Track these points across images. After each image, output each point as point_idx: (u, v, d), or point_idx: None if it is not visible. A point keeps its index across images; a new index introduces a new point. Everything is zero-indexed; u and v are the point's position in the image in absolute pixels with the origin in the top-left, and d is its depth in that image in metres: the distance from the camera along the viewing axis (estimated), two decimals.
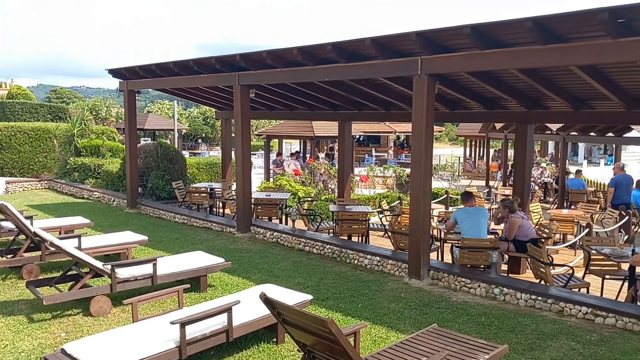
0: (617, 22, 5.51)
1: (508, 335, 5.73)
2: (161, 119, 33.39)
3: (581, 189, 17.10)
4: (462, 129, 29.29)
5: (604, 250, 7.92)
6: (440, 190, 17.19)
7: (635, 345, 5.43)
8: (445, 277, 7.57)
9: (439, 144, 57.66)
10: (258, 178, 20.65)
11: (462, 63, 7.23)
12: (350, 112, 12.65)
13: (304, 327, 4.41)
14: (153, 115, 32.48)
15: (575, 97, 8.80)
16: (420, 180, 7.66)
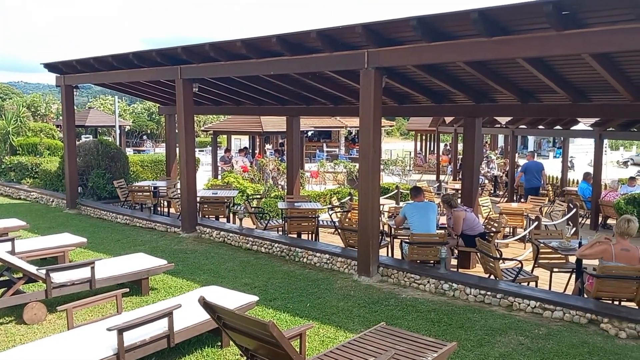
0: (561, 15, 5.47)
1: (457, 331, 5.64)
2: (103, 115, 32.18)
3: None
4: (412, 123, 29.56)
5: (552, 243, 7.98)
6: (391, 185, 17.19)
7: (581, 338, 5.43)
8: (394, 273, 7.44)
9: (391, 138, 58.24)
10: (206, 175, 20.16)
11: (409, 56, 7.11)
12: (299, 106, 12.40)
13: (245, 331, 4.21)
14: (95, 111, 31.27)
15: (523, 90, 8.84)
16: (369, 175, 7.50)
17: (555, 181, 20.37)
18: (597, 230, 13.14)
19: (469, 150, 9.41)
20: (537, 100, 8.95)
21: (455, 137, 21.49)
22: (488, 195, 15.89)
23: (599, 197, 13.78)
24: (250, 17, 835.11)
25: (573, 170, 26.85)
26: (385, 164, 22.38)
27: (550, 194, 17.19)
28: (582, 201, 14.39)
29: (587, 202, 14.33)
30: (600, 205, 13.68)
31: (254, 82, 10.98)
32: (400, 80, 9.27)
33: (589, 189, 14.42)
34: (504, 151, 25.89)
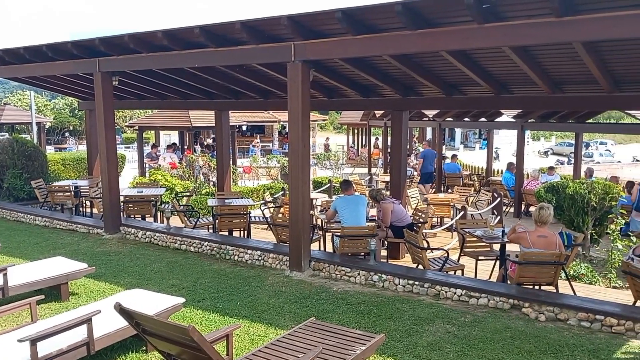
0: (482, 7, 5.57)
1: (386, 322, 5.67)
2: (20, 111, 30.34)
3: (457, 172, 18.00)
4: (344, 117, 29.81)
5: (477, 232, 8.21)
6: (324, 179, 17.24)
7: (505, 323, 5.60)
8: (326, 267, 7.42)
9: (324, 132, 58.60)
10: (133, 173, 19.42)
11: (336, 49, 7.07)
12: (227, 100, 12.13)
13: (166, 337, 4.02)
14: (10, 108, 29.43)
15: (448, 83, 9.02)
16: (299, 170, 7.42)
17: (481, 171, 21.17)
18: (520, 218, 13.75)
19: (397, 143, 9.53)
20: (461, 93, 9.18)
21: (385, 130, 21.83)
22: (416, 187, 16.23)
23: (522, 186, 14.41)
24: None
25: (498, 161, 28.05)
26: (319, 158, 22.44)
27: (476, 184, 17.82)
28: (506, 190, 15.03)
29: (511, 191, 14.97)
30: (522, 194, 14.32)
31: (179, 75, 10.62)
32: (329, 73, 9.24)
33: (512, 178, 15.07)
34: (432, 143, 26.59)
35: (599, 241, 10.37)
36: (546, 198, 10.50)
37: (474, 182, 18.18)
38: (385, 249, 9.01)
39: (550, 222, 6.71)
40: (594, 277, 8.46)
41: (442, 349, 5.01)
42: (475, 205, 13.68)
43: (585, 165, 16.85)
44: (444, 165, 18.25)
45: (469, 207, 12.81)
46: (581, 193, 10.05)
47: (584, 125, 15.49)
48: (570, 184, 10.66)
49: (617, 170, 29.51)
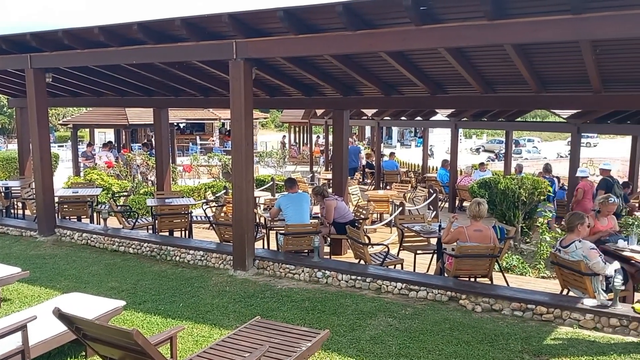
0: (419, 10, 5.75)
1: (331, 318, 5.77)
2: None
3: (394, 170, 18.43)
4: (286, 115, 29.84)
5: (415, 227, 8.49)
6: (267, 177, 17.21)
7: (443, 315, 5.83)
8: (270, 265, 7.44)
9: (266, 130, 58.36)
10: (67, 173, 18.63)
11: (277, 48, 7.09)
12: (166, 98, 11.88)
13: (108, 341, 3.93)
14: None
15: (386, 83, 9.24)
16: (242, 168, 7.39)
17: (417, 168, 21.76)
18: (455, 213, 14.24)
19: (339, 141, 9.67)
20: (399, 93, 9.42)
21: (327, 128, 22.04)
22: (357, 184, 16.51)
23: (456, 182, 14.95)
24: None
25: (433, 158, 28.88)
26: (261, 156, 22.36)
27: (413, 180, 18.34)
28: (441, 186, 15.56)
29: (446, 187, 15.51)
30: (456, 189, 14.86)
31: (116, 71, 10.31)
32: (271, 72, 9.25)
33: (447, 174, 15.61)
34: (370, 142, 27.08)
35: (528, 234, 10.94)
36: (479, 193, 10.97)
37: (411, 179, 18.71)
38: (328, 246, 9.14)
39: (485, 216, 7.04)
40: (525, 268, 8.93)
41: (385, 342, 5.16)
42: (413, 201, 14.09)
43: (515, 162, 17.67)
44: (383, 162, 18.64)
45: (407, 203, 13.18)
46: (512, 188, 10.56)
47: (514, 123, 16.25)
48: (501, 179, 11.19)
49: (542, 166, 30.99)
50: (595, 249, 6.14)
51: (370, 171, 20.08)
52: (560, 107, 11.82)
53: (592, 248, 6.09)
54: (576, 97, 8.46)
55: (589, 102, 8.68)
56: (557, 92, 8.34)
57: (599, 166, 13.96)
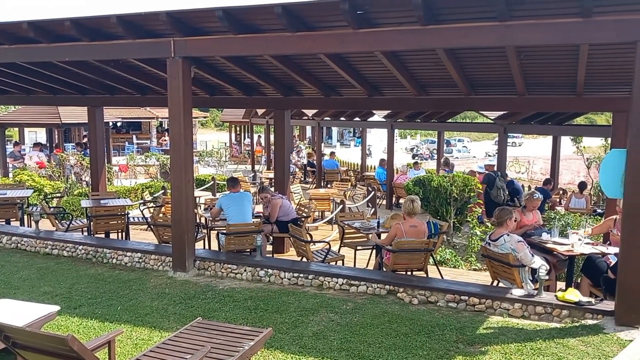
0: (356, 14, 5.92)
1: (274, 316, 5.85)
2: None
3: (335, 169, 18.72)
4: (226, 114, 29.53)
5: (355, 224, 8.70)
6: (208, 176, 17.03)
7: (382, 308, 6.03)
8: (211, 265, 7.42)
9: (206, 129, 57.48)
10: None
11: (216, 47, 7.08)
12: (101, 96, 11.54)
13: (42, 349, 3.80)
14: None
15: (326, 84, 9.39)
16: (181, 168, 7.33)
17: (356, 167, 22.17)
18: (392, 210, 14.66)
19: (280, 140, 9.75)
20: (338, 94, 9.61)
21: (268, 128, 22.05)
22: (299, 183, 16.65)
23: (392, 180, 15.39)
24: None
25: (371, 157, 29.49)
26: (202, 156, 22.07)
27: (352, 179, 18.69)
28: (379, 184, 15.97)
29: (383, 185, 15.93)
30: (393, 187, 15.29)
31: (48, 69, 9.89)
32: (210, 71, 9.19)
33: (384, 173, 16.04)
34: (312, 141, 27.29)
35: (460, 228, 11.44)
36: (414, 191, 11.35)
37: (350, 178, 19.04)
38: (270, 244, 9.20)
39: (419, 212, 7.32)
40: (458, 261, 9.34)
41: (327, 338, 5.29)
42: (352, 199, 14.38)
43: (483, 165, 18.35)
44: (323, 162, 18.90)
45: (347, 201, 13.43)
46: (444, 186, 11.01)
47: (445, 124, 16.92)
48: (434, 177, 11.62)
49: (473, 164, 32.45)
50: (523, 241, 6.54)
51: (311, 170, 20.27)
52: (488, 108, 12.41)
53: (519, 241, 6.48)
54: (502, 100, 8.95)
55: (514, 104, 9.19)
56: (485, 94, 8.79)
57: (484, 162, 15.15)
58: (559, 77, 8.08)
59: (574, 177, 25.18)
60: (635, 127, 5.13)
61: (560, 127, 14.05)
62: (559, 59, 7.31)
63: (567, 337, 5.15)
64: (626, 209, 5.31)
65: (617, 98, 8.05)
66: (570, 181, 22.54)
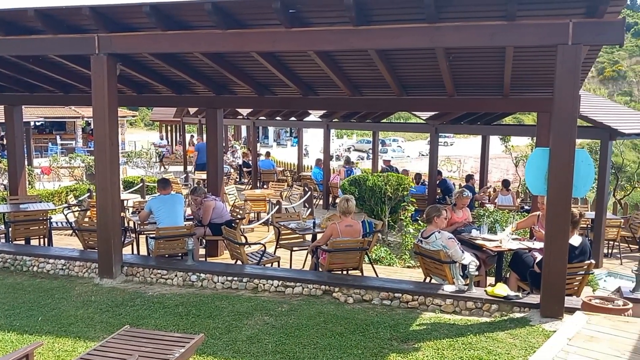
0: (288, 12, 5.87)
1: (206, 321, 5.68)
2: None
3: (271, 169, 18.58)
4: (156, 113, 28.68)
5: (291, 224, 8.64)
6: (136, 178, 16.45)
7: (318, 309, 6.00)
8: (140, 271, 7.13)
9: (135, 129, 55.66)
10: None
11: (144, 43, 6.82)
12: (20, 94, 10.85)
13: None
14: None
15: (260, 83, 9.27)
16: (107, 170, 6.99)
17: (293, 167, 22.13)
18: (329, 210, 14.72)
19: (212, 140, 9.52)
20: (272, 93, 9.51)
21: (201, 127, 21.60)
22: (234, 184, 16.40)
23: (329, 180, 15.45)
24: None
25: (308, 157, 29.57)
26: (129, 156, 21.32)
27: (289, 179, 18.63)
28: (315, 184, 15.99)
29: (320, 185, 15.97)
30: (330, 187, 15.35)
31: None
32: (138, 68, 8.86)
33: (321, 173, 16.08)
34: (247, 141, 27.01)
35: (394, 227, 11.64)
36: (350, 190, 11.44)
37: (287, 178, 18.97)
38: (203, 248, 8.98)
39: (354, 211, 7.36)
40: (392, 259, 9.48)
41: (261, 341, 5.19)
42: (289, 199, 14.32)
43: (381, 160, 18.71)
44: (259, 162, 18.70)
45: (283, 202, 13.36)
46: (379, 185, 11.17)
47: (380, 124, 17.17)
48: (369, 177, 11.77)
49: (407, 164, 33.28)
50: (453, 238, 6.71)
51: (247, 170, 20.03)
52: (420, 109, 12.70)
53: (450, 238, 6.65)
54: (433, 100, 9.17)
55: (444, 104, 9.44)
56: (416, 95, 8.96)
57: (383, 157, 16.18)
58: (486, 79, 8.36)
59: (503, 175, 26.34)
60: (557, 126, 5.37)
61: (488, 127, 14.58)
62: (486, 61, 7.55)
63: (496, 331, 5.31)
64: (549, 206, 5.55)
65: (540, 99, 8.42)
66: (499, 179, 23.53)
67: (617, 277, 9.77)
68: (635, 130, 11.12)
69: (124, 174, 18.69)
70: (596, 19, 5.17)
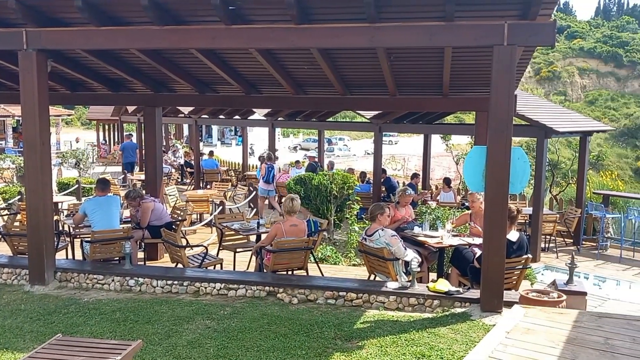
0: (228, 9, 5.75)
1: (145, 327, 5.48)
2: None
3: (214, 169, 18.25)
4: (93, 112, 27.63)
5: (234, 225, 8.49)
6: (72, 180, 15.78)
7: (262, 311, 5.91)
8: (75, 276, 6.81)
9: (71, 128, 53.53)
10: None
11: (76, 39, 6.53)
12: None
13: None
14: None
15: (200, 81, 9.08)
16: (38, 171, 6.64)
17: (237, 167, 21.87)
18: (274, 209, 14.61)
19: (151, 139, 9.24)
20: (214, 91, 9.34)
21: (140, 126, 20.96)
22: (175, 184, 16.02)
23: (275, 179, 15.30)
24: None
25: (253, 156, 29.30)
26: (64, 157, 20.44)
27: (233, 179, 18.37)
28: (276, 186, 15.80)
29: None
30: (276, 186, 15.21)
31: None
32: (72, 65, 8.50)
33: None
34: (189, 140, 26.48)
35: (340, 225, 11.68)
36: (295, 189, 11.38)
37: (231, 178, 18.71)
38: (142, 251, 8.69)
39: (299, 211, 7.31)
40: (338, 257, 9.51)
41: (203, 345, 5.05)
42: (233, 199, 14.11)
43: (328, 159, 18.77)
44: (202, 161, 18.33)
45: (227, 202, 13.15)
46: (325, 184, 11.17)
47: (325, 123, 17.22)
48: (315, 176, 11.75)
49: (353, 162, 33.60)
50: (396, 235, 6.78)
51: (189, 170, 19.60)
52: (363, 108, 12.81)
53: (393, 235, 6.71)
54: (375, 100, 9.26)
55: (386, 104, 9.56)
56: (360, 94, 9.03)
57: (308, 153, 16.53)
58: (426, 79, 8.51)
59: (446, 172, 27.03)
60: (493, 125, 5.51)
61: (430, 126, 14.88)
62: (426, 61, 7.68)
63: (438, 326, 5.40)
64: (487, 203, 5.69)
65: (478, 98, 8.64)
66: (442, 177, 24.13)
67: (553, 271, 10.20)
68: (569, 128, 11.64)
69: (59, 175, 17.88)
70: (529, 21, 5.34)
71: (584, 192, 12.48)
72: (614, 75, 79.46)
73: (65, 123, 47.62)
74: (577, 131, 12.23)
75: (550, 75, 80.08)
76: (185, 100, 10.90)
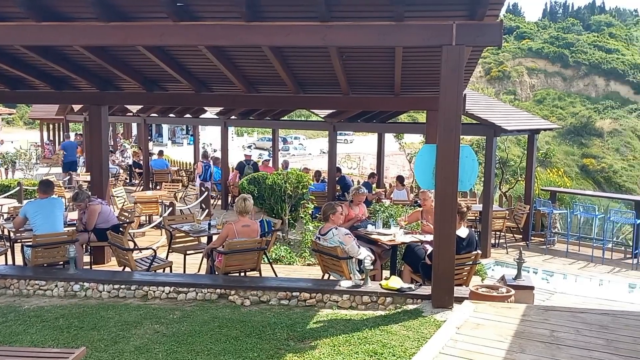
0: (176, 5, 5.61)
1: (90, 333, 5.28)
2: None
3: (164, 169, 17.84)
4: (36, 111, 26.50)
5: (184, 227, 8.31)
6: (13, 182, 15.11)
7: (213, 314, 5.79)
8: (15, 283, 6.50)
9: (13, 128, 51.32)
10: None
11: (15, 35, 6.23)
12: None
13: None
14: None
15: (148, 79, 8.85)
16: None
17: (189, 167, 21.49)
18: (227, 210, 14.43)
19: (97, 139, 8.94)
20: (162, 89, 9.12)
21: (86, 125, 20.25)
22: (123, 185, 15.57)
23: (227, 180, 15.13)
24: None
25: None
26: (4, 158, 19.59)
27: (184, 179, 18.03)
28: (213, 183, 15.58)
29: (218, 185, 15.57)
30: (229, 186, 15.04)
31: None
32: (11, 62, 8.13)
33: (219, 172, 15.68)
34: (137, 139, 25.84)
35: (295, 225, 11.63)
36: (249, 189, 11.26)
37: (182, 178, 18.35)
38: (88, 255, 8.39)
39: (251, 211, 7.21)
40: (292, 257, 9.45)
41: (151, 351, 4.90)
42: (184, 200, 13.84)
43: (282, 158, 18.70)
44: (151, 162, 17.89)
45: (178, 203, 12.88)
46: (279, 183, 11.09)
47: (279, 122, 17.09)
48: (269, 175, 11.65)
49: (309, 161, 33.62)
50: (350, 234, 6.79)
51: (138, 171, 19.08)
52: (316, 107, 12.81)
53: (346, 234, 6.72)
54: (328, 98, 9.27)
55: (339, 103, 9.58)
56: (313, 93, 9.00)
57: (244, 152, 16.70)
58: (378, 78, 8.56)
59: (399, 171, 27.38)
60: (442, 124, 5.58)
61: (383, 125, 15.00)
62: (377, 61, 7.72)
63: (390, 324, 5.42)
64: (437, 200, 5.76)
65: (429, 97, 8.75)
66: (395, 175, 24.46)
67: (503, 266, 10.46)
68: (517, 127, 11.97)
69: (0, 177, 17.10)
70: (477, 21, 5.44)
71: (533, 189, 12.87)
72: (561, 75, 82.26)
73: (7, 123, 45.60)
74: (525, 129, 12.59)
75: (500, 74, 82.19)
76: (132, 99, 10.61)
